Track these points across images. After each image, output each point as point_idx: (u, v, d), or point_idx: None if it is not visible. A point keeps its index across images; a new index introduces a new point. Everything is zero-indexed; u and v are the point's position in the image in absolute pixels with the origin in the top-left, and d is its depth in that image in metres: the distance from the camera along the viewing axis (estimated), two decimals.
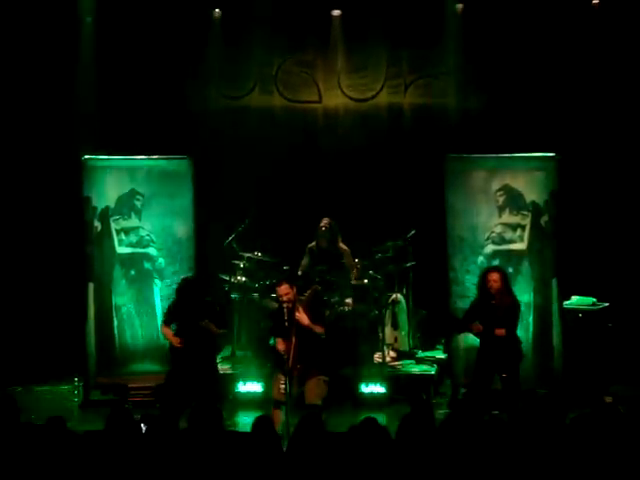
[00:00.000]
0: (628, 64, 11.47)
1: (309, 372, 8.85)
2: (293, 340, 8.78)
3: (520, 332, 9.77)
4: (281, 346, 8.78)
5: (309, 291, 9.22)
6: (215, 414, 6.02)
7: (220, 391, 9.70)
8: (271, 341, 9.27)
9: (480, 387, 9.47)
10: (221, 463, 5.68)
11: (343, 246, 11.01)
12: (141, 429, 5.92)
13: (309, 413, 5.99)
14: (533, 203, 10.53)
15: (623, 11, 11.43)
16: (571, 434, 5.74)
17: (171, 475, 5.63)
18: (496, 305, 9.56)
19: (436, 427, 5.83)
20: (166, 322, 9.75)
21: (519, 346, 9.66)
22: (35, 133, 11.67)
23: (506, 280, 9.74)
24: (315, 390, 8.78)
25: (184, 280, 9.86)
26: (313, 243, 11.07)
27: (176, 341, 9.48)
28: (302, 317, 8.86)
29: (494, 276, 9.63)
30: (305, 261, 11.03)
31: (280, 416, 8.50)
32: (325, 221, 10.96)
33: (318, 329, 8.93)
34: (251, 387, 10.34)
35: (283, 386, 8.59)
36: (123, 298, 10.80)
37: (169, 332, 9.65)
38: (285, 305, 8.81)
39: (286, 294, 8.86)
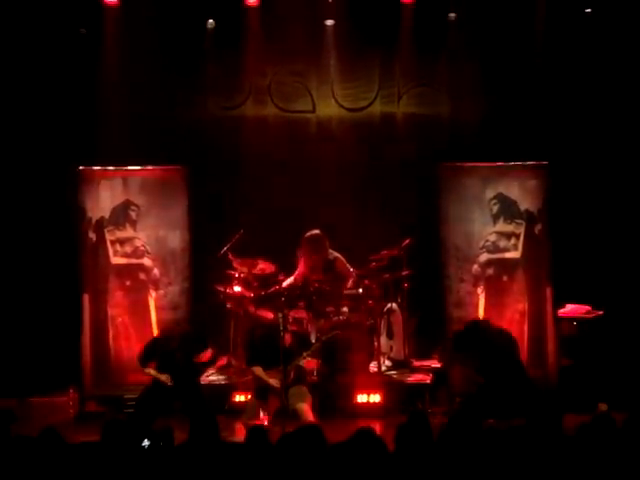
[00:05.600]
0: (620, 72, 11.49)
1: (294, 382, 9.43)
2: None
3: None
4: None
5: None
6: (212, 426, 6.04)
7: (206, 403, 9.55)
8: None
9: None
10: (217, 474, 5.67)
11: (334, 253, 11.00)
12: (140, 441, 5.90)
13: (308, 426, 5.97)
14: (527, 211, 10.56)
15: (615, 20, 11.46)
16: (569, 444, 5.74)
17: None
18: None
19: (433, 437, 5.82)
20: (144, 364, 9.50)
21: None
22: (30, 143, 11.66)
23: None
24: (299, 391, 9.32)
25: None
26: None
27: (167, 379, 9.32)
28: (309, 363, 9.66)
29: None
30: (298, 272, 11.02)
31: (277, 402, 9.23)
32: (312, 232, 10.92)
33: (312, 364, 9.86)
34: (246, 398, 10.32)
35: (276, 382, 9.25)
36: (118, 309, 10.82)
37: (153, 371, 9.43)
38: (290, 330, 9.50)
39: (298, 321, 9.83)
